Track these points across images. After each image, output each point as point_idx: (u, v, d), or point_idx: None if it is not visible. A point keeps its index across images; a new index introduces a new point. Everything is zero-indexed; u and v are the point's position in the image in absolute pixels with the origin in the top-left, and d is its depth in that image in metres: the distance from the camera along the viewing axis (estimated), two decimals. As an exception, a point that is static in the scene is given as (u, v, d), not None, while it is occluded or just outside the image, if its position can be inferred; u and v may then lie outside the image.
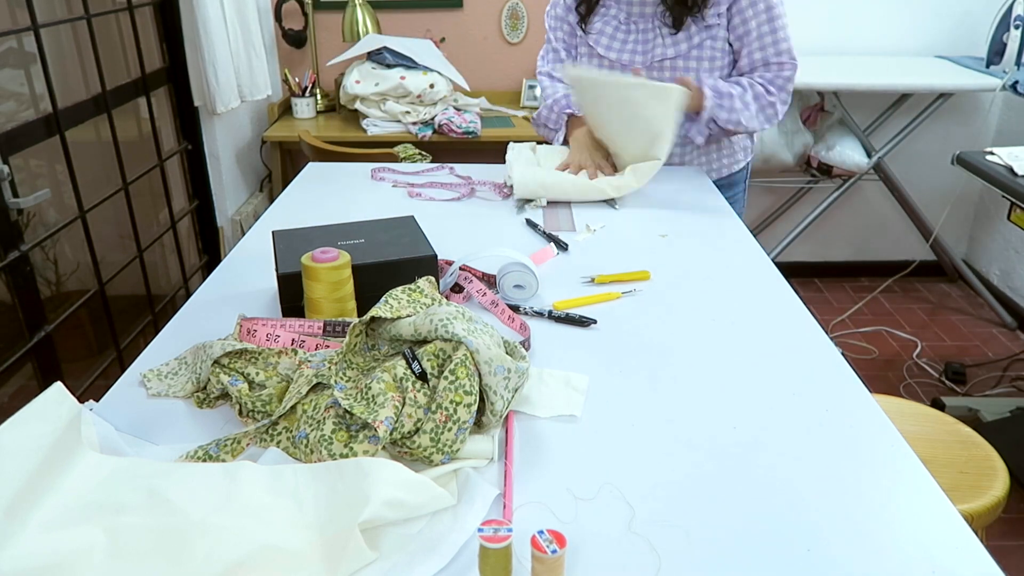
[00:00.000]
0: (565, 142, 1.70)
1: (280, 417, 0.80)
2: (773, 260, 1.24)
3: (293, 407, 0.80)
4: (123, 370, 0.94)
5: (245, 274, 1.19)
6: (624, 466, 0.77)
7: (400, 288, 0.93)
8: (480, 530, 0.61)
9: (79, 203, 1.95)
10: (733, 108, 1.50)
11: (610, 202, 1.50)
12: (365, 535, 0.64)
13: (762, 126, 1.56)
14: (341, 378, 0.81)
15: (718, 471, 0.76)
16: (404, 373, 0.79)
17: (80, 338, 2.33)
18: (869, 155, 2.73)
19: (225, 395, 0.86)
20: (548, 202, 1.50)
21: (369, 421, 0.73)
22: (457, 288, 1.12)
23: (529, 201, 1.50)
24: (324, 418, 0.76)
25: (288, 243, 1.07)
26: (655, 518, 0.70)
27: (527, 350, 0.97)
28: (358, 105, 2.72)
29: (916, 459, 0.78)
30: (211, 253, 2.70)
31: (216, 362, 0.87)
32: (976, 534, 0.69)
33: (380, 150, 2.22)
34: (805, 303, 1.09)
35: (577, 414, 0.85)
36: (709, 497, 0.73)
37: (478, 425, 0.80)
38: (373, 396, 0.75)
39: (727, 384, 0.91)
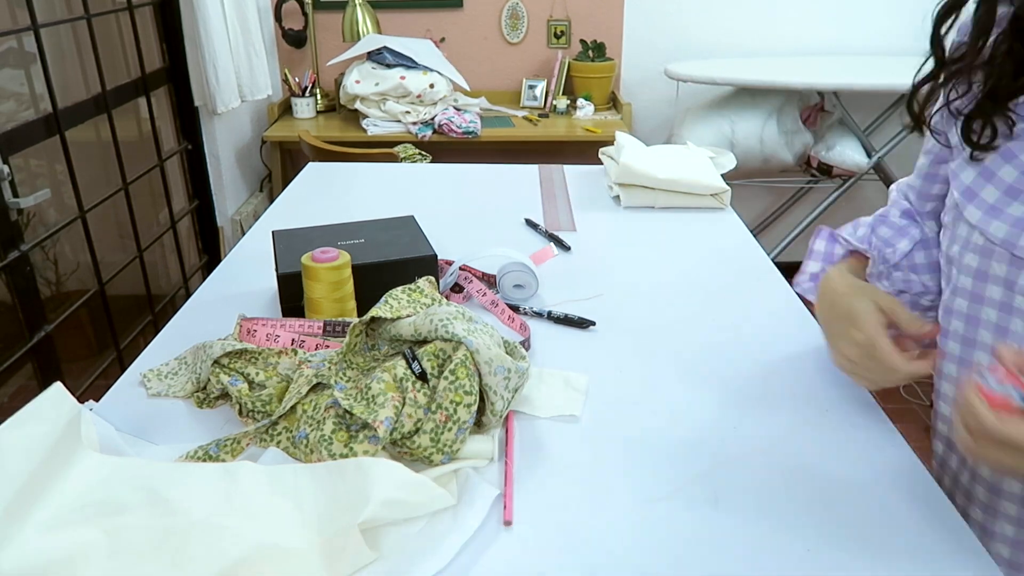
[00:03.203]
0: None
1: (280, 417, 0.80)
2: (773, 260, 1.24)
3: (293, 407, 0.80)
4: (123, 370, 0.94)
5: (245, 274, 1.19)
6: (624, 466, 0.77)
7: (400, 288, 0.92)
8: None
9: (79, 203, 1.95)
10: None
11: (615, 200, 1.50)
12: (365, 535, 0.64)
13: None
14: (341, 378, 0.81)
15: (718, 471, 0.76)
16: (404, 373, 0.79)
17: (80, 338, 2.34)
18: (869, 155, 2.73)
19: (225, 395, 0.86)
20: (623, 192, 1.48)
21: (369, 421, 0.73)
22: (457, 288, 1.12)
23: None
24: (324, 418, 0.76)
25: (288, 243, 1.07)
26: (655, 517, 0.70)
27: (527, 350, 0.97)
28: (358, 105, 2.72)
29: (916, 459, 0.78)
30: (211, 253, 2.70)
31: (216, 362, 0.86)
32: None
33: (380, 150, 2.23)
34: (805, 303, 1.09)
35: (577, 414, 0.85)
36: (709, 497, 0.73)
37: (478, 425, 0.80)
38: (373, 396, 0.75)
39: (727, 384, 0.91)
